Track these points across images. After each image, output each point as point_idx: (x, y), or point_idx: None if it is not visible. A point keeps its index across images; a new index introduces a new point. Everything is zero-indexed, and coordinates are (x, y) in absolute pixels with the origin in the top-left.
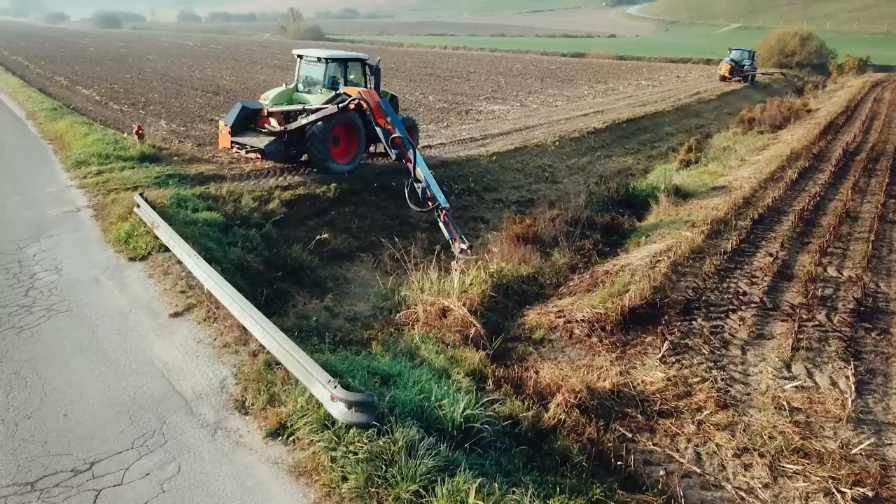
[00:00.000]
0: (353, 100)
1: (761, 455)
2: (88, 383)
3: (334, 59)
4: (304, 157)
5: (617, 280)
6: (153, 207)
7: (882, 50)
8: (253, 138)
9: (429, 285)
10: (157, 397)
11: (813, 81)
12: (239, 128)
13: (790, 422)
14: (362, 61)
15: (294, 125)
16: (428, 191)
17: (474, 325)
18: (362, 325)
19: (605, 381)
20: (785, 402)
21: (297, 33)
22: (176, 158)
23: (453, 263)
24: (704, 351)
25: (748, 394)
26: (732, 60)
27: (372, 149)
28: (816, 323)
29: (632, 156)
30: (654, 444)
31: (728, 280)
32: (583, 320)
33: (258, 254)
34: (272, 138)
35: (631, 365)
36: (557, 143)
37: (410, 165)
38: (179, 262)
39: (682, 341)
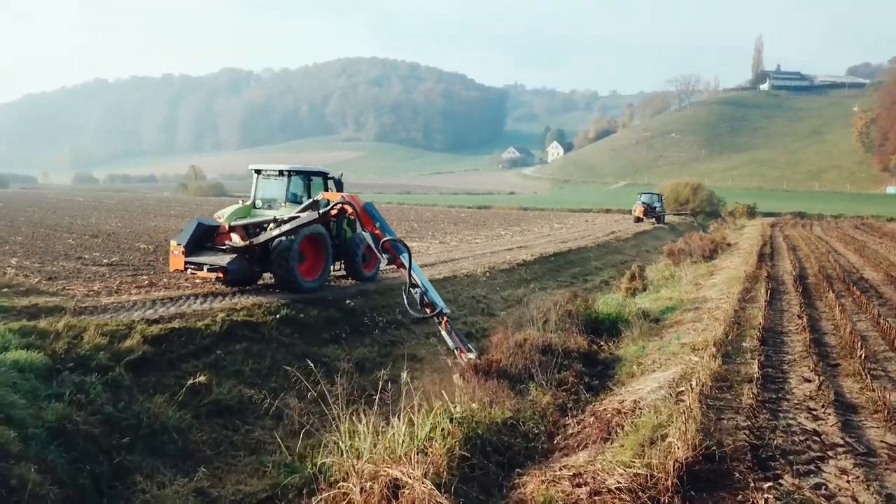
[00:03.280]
0: (337, 204)
1: None
2: None
3: (297, 172)
4: (262, 280)
5: (640, 423)
6: None
7: (758, 201)
8: (212, 257)
9: (364, 444)
10: None
11: (716, 223)
12: (193, 247)
13: None
14: (324, 174)
15: (264, 237)
16: (426, 297)
17: None
18: None
19: None
20: None
21: (198, 191)
22: (6, 290)
23: (455, 377)
24: None
25: None
26: (644, 203)
27: (336, 267)
28: None
29: (566, 288)
30: None
31: (782, 415)
32: (619, 489)
33: (95, 410)
34: (234, 255)
35: None
36: (488, 274)
37: (404, 271)
38: None
39: None
